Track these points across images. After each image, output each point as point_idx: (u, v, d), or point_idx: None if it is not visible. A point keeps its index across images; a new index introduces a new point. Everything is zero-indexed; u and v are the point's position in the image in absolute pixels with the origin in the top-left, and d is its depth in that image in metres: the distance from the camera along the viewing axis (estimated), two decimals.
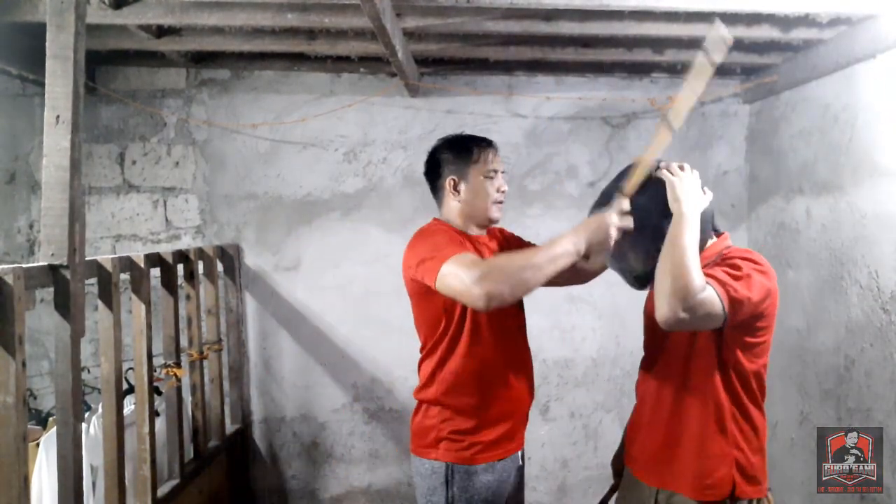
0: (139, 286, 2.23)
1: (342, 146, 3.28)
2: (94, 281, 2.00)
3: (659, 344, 1.67)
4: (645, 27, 2.50)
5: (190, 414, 2.79)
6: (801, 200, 2.91)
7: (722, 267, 1.49)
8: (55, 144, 1.67)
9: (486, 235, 1.95)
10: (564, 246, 1.57)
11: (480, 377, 1.81)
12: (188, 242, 3.26)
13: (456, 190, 1.89)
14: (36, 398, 3.11)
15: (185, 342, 2.69)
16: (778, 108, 3.11)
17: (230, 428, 3.16)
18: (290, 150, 3.27)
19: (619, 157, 3.32)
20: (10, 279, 1.52)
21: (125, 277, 2.19)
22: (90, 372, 2.84)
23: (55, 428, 1.77)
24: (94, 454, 2.31)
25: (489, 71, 3.23)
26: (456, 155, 1.89)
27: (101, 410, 2.15)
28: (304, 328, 3.31)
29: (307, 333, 3.31)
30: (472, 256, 1.66)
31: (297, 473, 3.35)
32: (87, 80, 1.92)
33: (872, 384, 2.46)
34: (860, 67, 2.51)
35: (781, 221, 3.07)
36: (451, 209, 1.92)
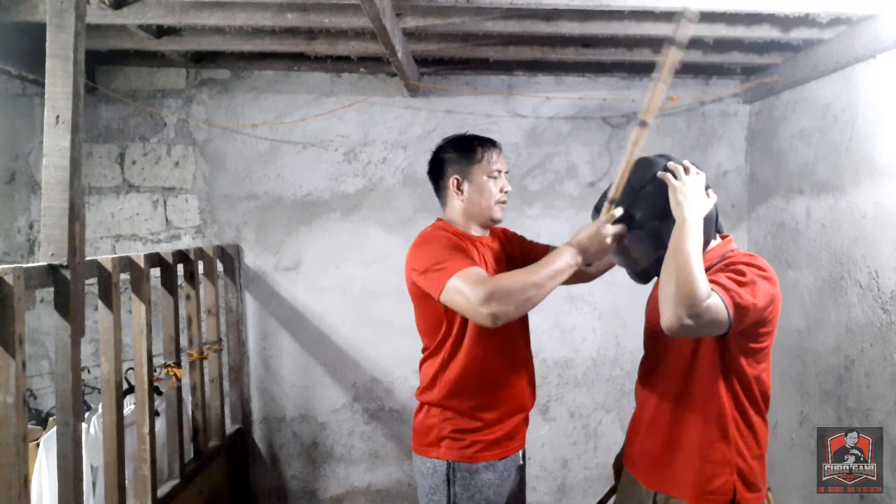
0: (139, 286, 2.23)
1: (342, 146, 3.28)
2: (94, 281, 2.00)
3: (660, 348, 1.66)
4: (645, 27, 2.50)
5: (190, 414, 2.79)
6: (801, 200, 2.91)
7: (726, 272, 1.47)
8: (55, 144, 1.67)
9: (488, 236, 1.95)
10: (565, 260, 1.63)
11: (482, 380, 1.81)
12: (188, 242, 3.26)
13: (459, 190, 1.89)
14: (36, 398, 3.11)
15: (185, 342, 2.69)
16: (778, 108, 3.11)
17: (230, 428, 3.16)
18: (290, 150, 3.27)
19: (618, 157, 3.28)
20: (10, 279, 1.52)
21: (125, 277, 2.19)
22: (90, 372, 2.85)
23: (55, 428, 1.77)
24: (94, 454, 2.31)
25: (489, 71, 3.23)
26: (459, 155, 1.90)
27: (101, 410, 2.15)
28: (304, 328, 3.31)
29: (307, 333, 3.31)
30: (477, 272, 1.67)
31: (297, 473, 3.35)
32: (87, 80, 1.92)
33: (872, 384, 2.46)
34: (860, 67, 2.51)
35: (781, 221, 3.07)
36: (454, 209, 1.92)
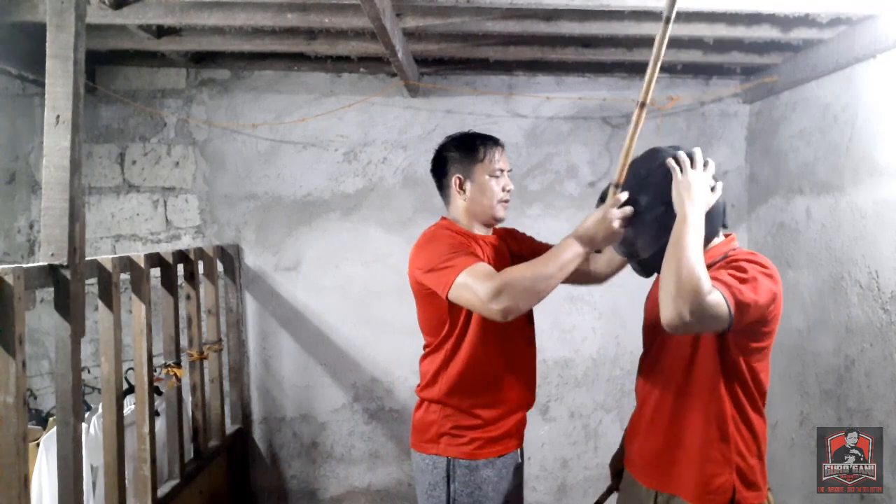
0: (139, 286, 2.23)
1: (342, 146, 3.28)
2: (94, 281, 2.00)
3: (660, 346, 1.66)
4: (645, 27, 2.50)
5: (190, 414, 2.79)
6: (801, 200, 2.91)
7: (728, 269, 1.47)
8: (55, 144, 1.67)
9: (492, 235, 1.95)
10: (572, 250, 1.61)
11: (484, 378, 1.81)
12: (188, 242, 3.26)
13: (461, 189, 1.89)
14: (36, 398, 3.11)
15: (185, 342, 2.69)
16: (778, 108, 3.11)
17: (230, 428, 3.16)
18: (290, 150, 3.27)
19: (618, 157, 3.30)
20: (10, 279, 1.52)
21: (125, 277, 2.19)
22: (90, 372, 2.84)
23: (55, 428, 1.77)
24: (94, 454, 2.31)
25: (489, 71, 3.23)
26: (462, 153, 1.90)
27: (101, 410, 2.15)
28: (304, 328, 3.31)
29: (307, 333, 3.31)
30: (484, 268, 1.67)
31: (297, 473, 3.35)
32: (87, 80, 1.92)
33: (872, 384, 2.46)
34: (860, 67, 2.51)
35: (781, 221, 3.07)
36: (457, 208, 1.92)
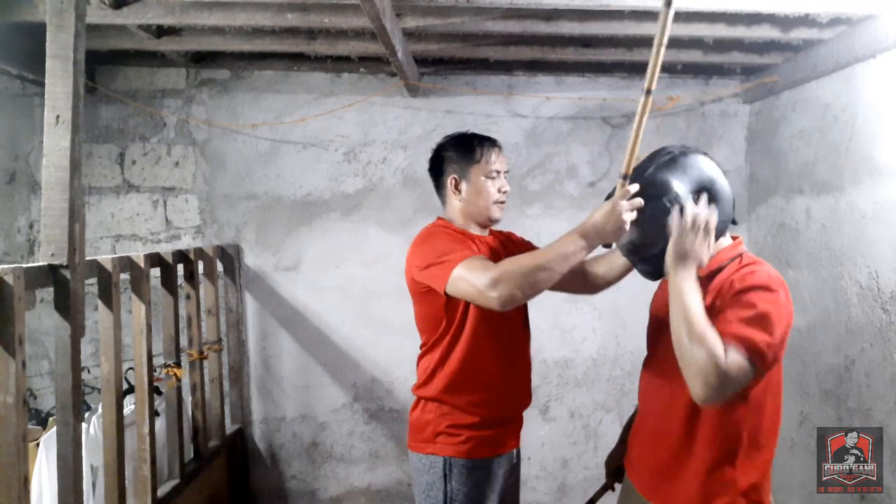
0: (139, 286, 2.23)
1: (342, 146, 3.28)
2: (94, 281, 2.00)
3: (665, 350, 1.56)
4: (645, 27, 2.50)
5: (190, 414, 2.79)
6: (801, 200, 2.91)
7: (735, 308, 1.41)
8: (55, 144, 1.67)
9: (488, 235, 1.95)
10: (575, 243, 1.55)
11: (480, 376, 1.81)
12: (188, 242, 3.26)
13: (457, 189, 1.89)
14: (36, 398, 3.11)
15: (185, 342, 2.69)
16: (778, 108, 3.11)
17: (230, 428, 3.16)
18: (290, 150, 3.27)
19: (618, 157, 3.32)
20: (10, 279, 1.52)
21: (125, 277, 2.19)
22: (90, 372, 2.84)
23: (55, 428, 1.77)
24: (94, 454, 2.31)
25: (489, 71, 3.23)
26: (459, 153, 1.90)
27: (101, 410, 2.15)
28: (304, 328, 3.31)
29: (307, 333, 3.31)
30: (481, 259, 1.67)
31: (297, 473, 3.35)
32: (87, 80, 1.92)
33: (872, 384, 2.46)
34: (860, 67, 2.51)
35: (781, 221, 3.07)
36: (453, 208, 1.92)
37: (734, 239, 1.60)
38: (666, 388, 1.57)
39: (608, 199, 1.60)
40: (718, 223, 1.51)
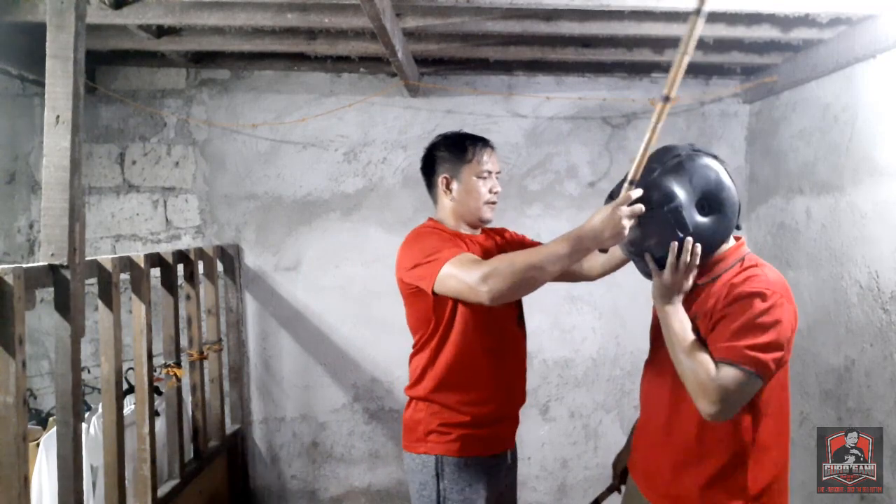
0: (139, 286, 2.23)
1: (342, 146, 3.28)
2: (94, 281, 2.00)
3: (668, 351, 1.58)
4: (645, 27, 2.50)
5: (190, 414, 2.79)
6: (801, 200, 2.91)
7: (727, 319, 1.41)
8: (55, 144, 1.67)
9: (480, 234, 1.94)
10: (571, 244, 1.52)
11: (470, 375, 1.79)
12: (188, 242, 3.26)
13: (448, 189, 1.88)
14: (36, 398, 3.11)
15: (185, 342, 2.69)
16: (778, 108, 3.11)
17: (230, 428, 3.16)
18: (290, 150, 3.27)
19: (618, 157, 3.32)
20: (10, 279, 1.53)
21: (125, 277, 2.19)
22: (90, 372, 2.84)
23: (55, 428, 1.77)
24: (94, 454, 2.31)
25: (489, 71, 3.23)
26: (450, 153, 1.89)
27: (101, 410, 2.15)
28: (304, 328, 3.31)
29: (307, 333, 3.31)
30: (470, 256, 1.67)
31: (297, 473, 3.35)
32: (87, 80, 1.92)
33: (872, 384, 2.46)
34: (860, 67, 2.51)
35: (781, 221, 3.07)
36: (444, 208, 1.92)
37: (737, 240, 1.58)
38: (668, 389, 1.56)
39: (610, 197, 1.57)
40: (722, 230, 1.50)
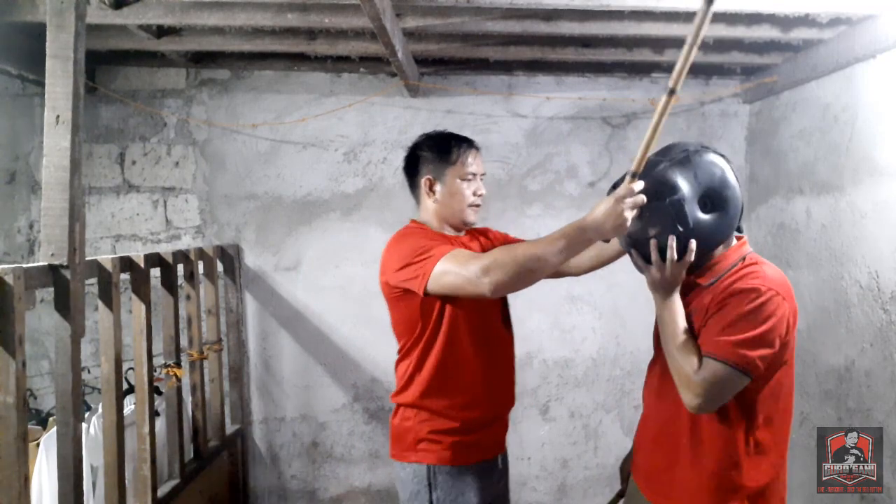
0: (139, 286, 2.23)
1: (342, 146, 3.28)
2: (94, 281, 2.00)
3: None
4: (645, 27, 2.50)
5: (190, 414, 2.79)
6: (801, 200, 2.91)
7: (718, 315, 1.42)
8: (55, 144, 1.67)
9: (465, 236, 1.91)
10: (575, 237, 1.49)
11: (459, 378, 1.76)
12: (188, 242, 3.26)
13: (431, 190, 1.84)
14: (36, 398, 3.11)
15: (185, 342, 2.69)
16: (778, 108, 3.11)
17: (230, 428, 3.16)
18: (290, 150, 3.27)
19: (619, 156, 3.32)
20: (10, 279, 1.53)
21: (125, 277, 2.19)
22: (90, 372, 2.84)
23: (55, 428, 1.77)
24: (94, 454, 2.31)
25: (489, 71, 3.23)
26: (435, 154, 1.85)
27: (101, 410, 2.15)
28: (304, 328, 3.31)
29: (307, 333, 3.31)
30: (465, 251, 1.65)
31: (297, 473, 3.35)
32: (87, 80, 1.92)
33: (872, 384, 2.46)
34: (860, 67, 2.51)
35: (781, 221, 3.07)
36: (427, 209, 1.88)
37: (738, 239, 1.57)
38: (668, 393, 1.55)
39: (613, 188, 1.54)
40: (723, 229, 1.49)
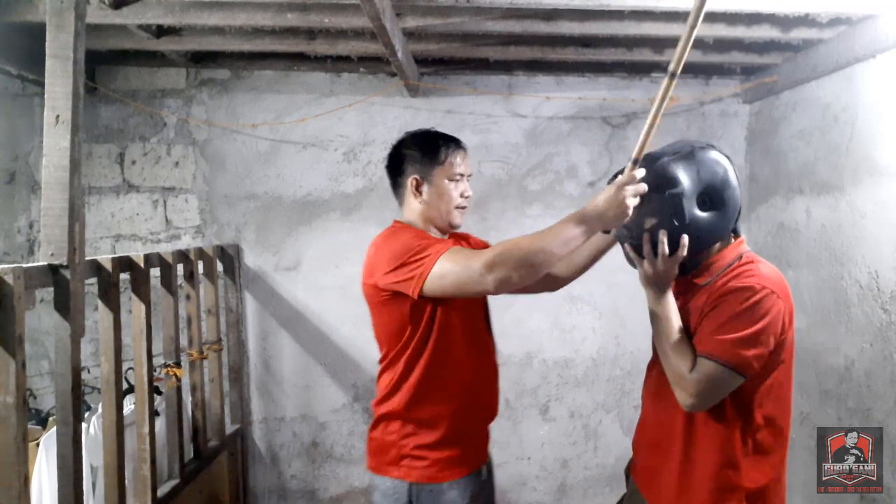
0: (139, 286, 2.23)
1: (342, 146, 3.28)
2: (94, 281, 2.00)
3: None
4: (645, 27, 2.50)
5: (190, 414, 2.79)
6: (801, 200, 2.91)
7: (711, 314, 1.43)
8: (55, 144, 1.67)
9: (449, 240, 1.86)
10: (577, 227, 1.49)
11: (448, 384, 1.72)
12: (188, 242, 3.26)
13: (418, 191, 1.78)
14: (36, 398, 3.11)
15: (185, 342, 2.69)
16: (778, 108, 3.11)
17: (230, 428, 3.16)
18: (290, 150, 3.27)
19: (619, 156, 3.32)
20: (10, 279, 1.52)
21: (125, 277, 2.19)
22: (90, 372, 2.84)
23: (55, 428, 1.77)
24: (94, 454, 2.31)
25: (489, 71, 3.23)
26: (422, 154, 1.79)
27: (101, 410, 2.15)
28: (304, 328, 3.31)
29: (307, 333, 3.31)
30: (464, 249, 1.64)
31: (296, 473, 3.35)
32: (87, 80, 1.92)
33: (872, 384, 2.46)
34: (860, 67, 2.51)
35: (781, 221, 3.07)
36: (412, 210, 1.82)
37: (735, 238, 1.57)
38: (665, 394, 1.55)
39: (613, 178, 1.54)
40: (720, 228, 1.49)
